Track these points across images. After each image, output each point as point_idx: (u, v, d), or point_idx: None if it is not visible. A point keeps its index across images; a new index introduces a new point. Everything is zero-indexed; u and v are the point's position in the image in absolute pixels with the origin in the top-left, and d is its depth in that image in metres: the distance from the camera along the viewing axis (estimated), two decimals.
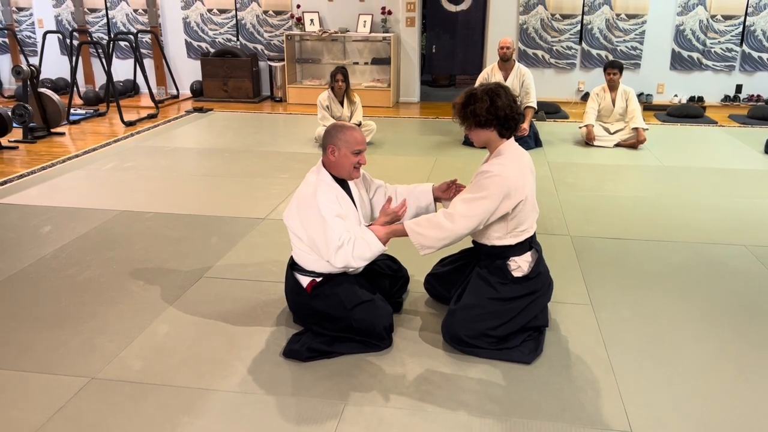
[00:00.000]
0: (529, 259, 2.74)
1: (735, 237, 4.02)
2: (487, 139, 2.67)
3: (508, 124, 2.61)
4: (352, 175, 2.71)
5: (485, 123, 2.60)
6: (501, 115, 2.57)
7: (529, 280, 2.72)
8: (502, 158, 2.63)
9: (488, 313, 2.66)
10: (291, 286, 2.85)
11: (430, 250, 2.64)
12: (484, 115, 2.57)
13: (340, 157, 2.66)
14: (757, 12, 8.19)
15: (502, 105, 2.56)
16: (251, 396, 2.40)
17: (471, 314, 2.67)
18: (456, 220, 2.56)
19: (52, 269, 3.52)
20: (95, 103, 8.50)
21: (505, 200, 2.56)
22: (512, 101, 2.60)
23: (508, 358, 2.63)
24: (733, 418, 2.31)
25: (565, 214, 4.42)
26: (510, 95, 2.61)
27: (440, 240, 2.60)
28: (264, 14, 9.07)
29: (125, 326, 2.91)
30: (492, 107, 2.56)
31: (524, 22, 8.59)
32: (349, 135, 2.65)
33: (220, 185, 5.09)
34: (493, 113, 2.56)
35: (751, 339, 2.83)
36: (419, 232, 2.61)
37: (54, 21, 9.61)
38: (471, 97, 2.62)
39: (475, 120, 2.61)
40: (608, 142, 6.41)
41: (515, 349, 2.65)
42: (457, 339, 2.67)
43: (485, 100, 2.56)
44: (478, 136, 2.67)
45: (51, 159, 5.86)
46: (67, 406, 2.34)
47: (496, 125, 2.60)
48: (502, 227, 2.67)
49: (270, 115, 8.24)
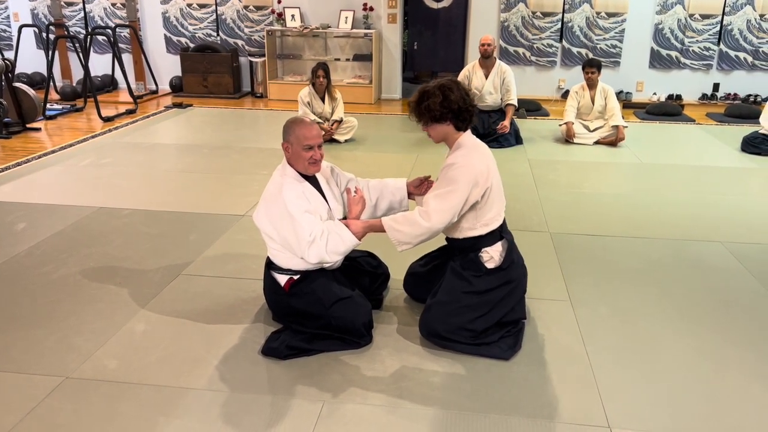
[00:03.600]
0: (500, 249, 2.76)
1: (712, 234, 4.07)
2: (444, 134, 2.71)
3: (462, 117, 2.66)
4: (309, 170, 2.70)
5: (440, 117, 2.64)
6: (455, 108, 2.62)
7: (502, 271, 2.74)
8: (463, 149, 2.68)
9: (464, 306, 2.68)
10: (269, 285, 2.83)
11: (407, 246, 2.66)
12: (438, 110, 2.62)
13: (293, 153, 2.67)
14: (734, 11, 8.30)
15: (455, 98, 2.61)
16: (229, 395, 2.38)
17: (447, 309, 2.69)
18: (431, 217, 2.59)
19: (26, 267, 3.46)
20: (72, 99, 8.37)
21: (474, 188, 2.61)
22: (465, 94, 2.66)
23: (487, 353, 2.64)
24: (710, 413, 2.33)
25: (544, 211, 4.44)
26: (462, 89, 2.66)
27: (417, 236, 2.63)
28: (244, 9, 8.99)
29: (101, 325, 2.87)
30: (445, 101, 2.60)
31: (505, 20, 8.62)
32: (299, 131, 2.65)
33: (199, 182, 5.04)
34: (447, 107, 2.61)
35: (728, 335, 2.87)
36: (397, 228, 2.63)
37: (30, 14, 9.45)
38: (424, 93, 2.66)
39: (431, 115, 2.65)
40: (588, 140, 6.46)
41: (494, 345, 2.67)
42: (434, 334, 2.69)
43: (438, 95, 2.61)
44: (435, 131, 2.72)
45: (26, 155, 5.76)
46: (40, 406, 2.30)
47: (452, 119, 2.65)
48: (472, 217, 2.70)
49: (250, 111, 8.18)
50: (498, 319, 2.72)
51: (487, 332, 2.69)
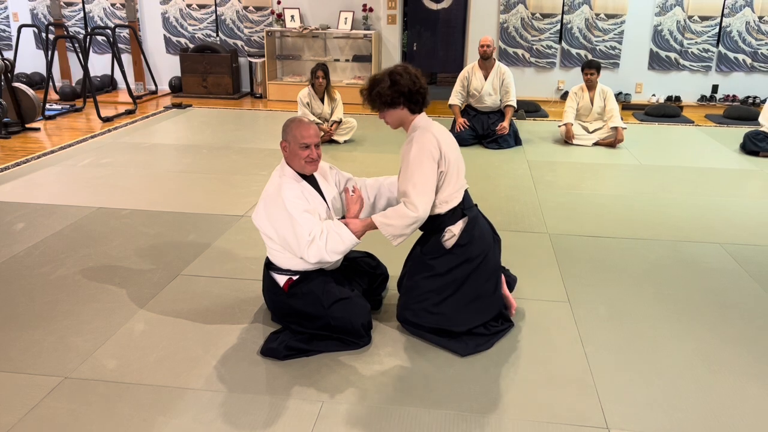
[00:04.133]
0: (461, 226, 2.77)
1: (710, 235, 4.08)
2: (399, 118, 2.74)
3: (415, 99, 2.69)
4: (306, 169, 2.71)
5: (392, 102, 2.67)
6: (405, 92, 2.65)
7: (461, 247, 2.75)
8: (418, 131, 2.71)
9: (427, 291, 2.73)
10: (268, 285, 2.83)
11: (401, 238, 2.70)
12: (389, 94, 2.65)
13: (290, 152, 2.69)
14: (733, 13, 8.31)
15: (404, 82, 2.64)
16: (228, 395, 2.38)
17: (412, 294, 2.78)
18: (417, 206, 2.62)
19: (25, 267, 3.46)
20: (71, 99, 8.37)
21: (439, 162, 2.65)
22: (415, 77, 2.67)
23: (447, 345, 2.70)
24: (708, 413, 2.34)
25: (543, 212, 4.45)
26: (412, 72, 2.69)
27: (408, 227, 2.66)
28: (244, 10, 8.99)
29: (100, 325, 2.87)
30: (394, 85, 2.63)
31: (505, 21, 8.62)
32: (296, 130, 2.67)
33: (198, 182, 5.04)
34: (397, 91, 2.64)
35: (725, 335, 2.88)
36: (388, 223, 2.66)
37: (29, 14, 9.44)
38: (374, 81, 2.71)
39: (382, 101, 2.68)
40: (587, 141, 6.47)
41: (460, 339, 2.70)
42: (405, 320, 2.79)
43: (386, 80, 2.65)
44: (391, 117, 2.75)
45: (25, 155, 5.76)
46: (39, 405, 2.31)
47: (404, 102, 2.68)
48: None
49: (250, 111, 8.18)
50: (473, 296, 2.74)
51: (460, 318, 2.72)
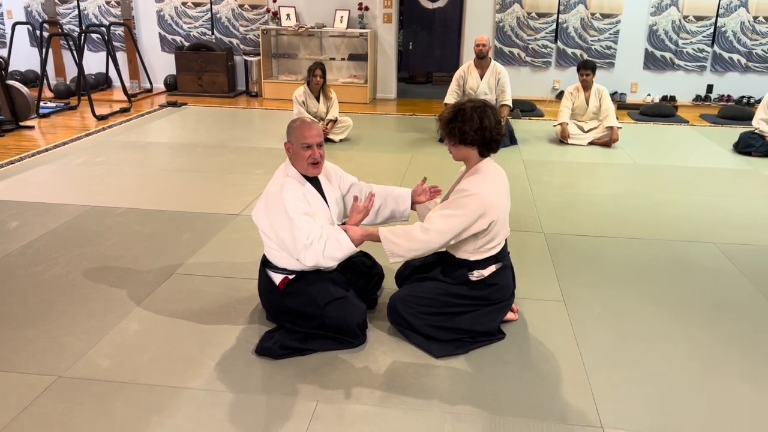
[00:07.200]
0: (492, 269, 2.74)
1: (704, 234, 4.09)
2: (466, 156, 2.68)
3: (490, 146, 2.64)
4: (309, 170, 2.70)
5: (470, 142, 2.61)
6: (487, 137, 2.59)
7: (482, 285, 2.72)
8: (480, 176, 2.63)
9: (429, 297, 2.72)
10: (263, 284, 2.83)
11: (400, 258, 2.66)
12: (471, 135, 2.58)
13: (294, 152, 2.68)
14: (728, 13, 8.33)
15: (488, 126, 2.57)
16: (223, 394, 2.38)
17: (412, 291, 2.76)
18: (430, 234, 2.57)
19: (19, 266, 3.45)
20: (66, 97, 8.33)
21: (480, 219, 2.58)
22: (498, 123, 2.62)
23: (419, 343, 2.70)
24: (702, 412, 2.34)
25: (539, 212, 4.45)
26: (496, 116, 2.62)
27: (411, 250, 2.62)
28: (239, 8, 8.97)
29: (94, 324, 2.86)
30: (480, 128, 2.57)
31: (500, 20, 8.63)
32: (298, 130, 2.66)
33: (193, 181, 5.03)
34: (480, 134, 2.58)
35: (720, 335, 2.88)
36: (393, 240, 2.62)
37: (24, 12, 9.40)
38: (459, 113, 2.60)
39: (461, 137, 2.61)
40: (582, 141, 6.48)
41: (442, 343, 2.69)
42: (392, 308, 2.75)
43: (475, 120, 2.56)
44: (459, 151, 2.68)
45: (19, 153, 5.74)
46: (32, 405, 2.30)
47: (479, 144, 2.62)
48: (471, 244, 2.68)
49: (245, 110, 8.17)
50: (469, 326, 2.71)
51: (448, 334, 2.71)
